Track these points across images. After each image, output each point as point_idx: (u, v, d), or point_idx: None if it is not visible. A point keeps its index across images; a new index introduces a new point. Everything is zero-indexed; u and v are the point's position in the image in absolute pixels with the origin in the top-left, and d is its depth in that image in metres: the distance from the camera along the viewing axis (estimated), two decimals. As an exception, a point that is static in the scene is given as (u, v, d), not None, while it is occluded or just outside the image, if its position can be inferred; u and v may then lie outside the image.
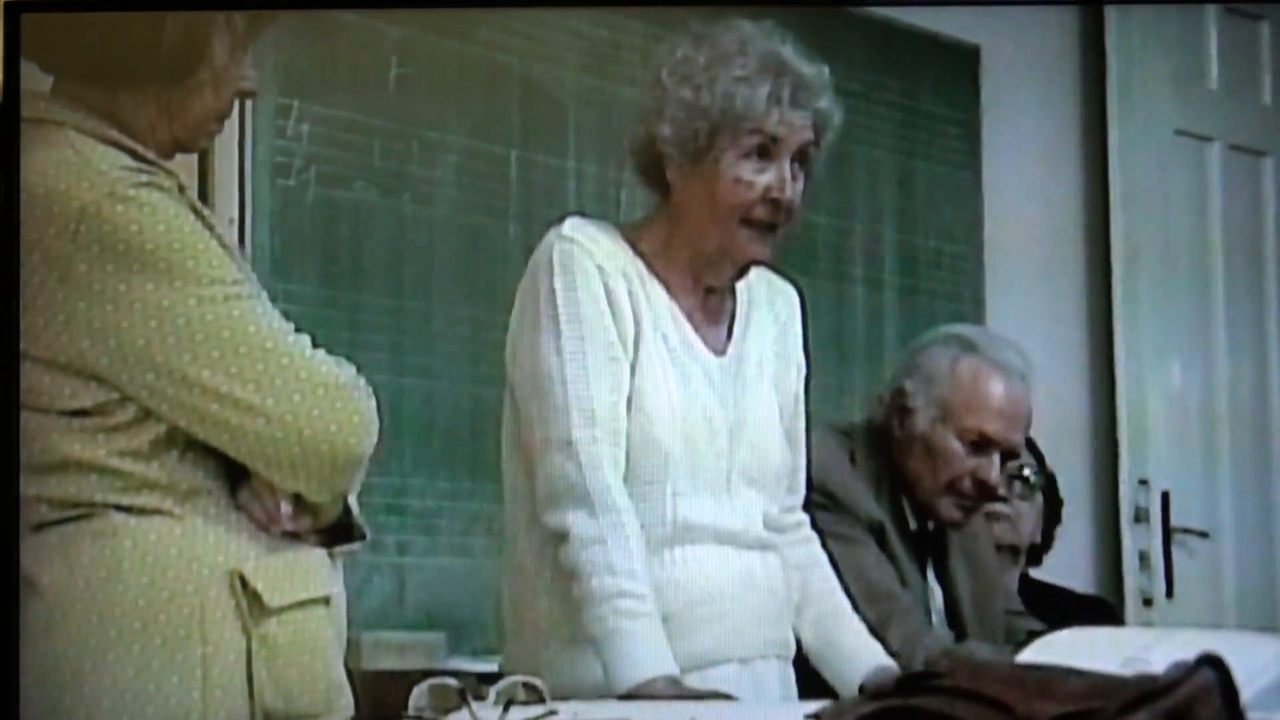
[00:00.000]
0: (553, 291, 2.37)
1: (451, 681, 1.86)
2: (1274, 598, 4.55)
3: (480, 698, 1.85)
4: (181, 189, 2.00)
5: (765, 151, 2.41)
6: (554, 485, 2.33)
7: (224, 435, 1.95)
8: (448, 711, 1.84)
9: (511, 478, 2.45)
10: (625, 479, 2.36)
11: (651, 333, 2.42)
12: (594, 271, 2.38)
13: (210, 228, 1.99)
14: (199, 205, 2.02)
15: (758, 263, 2.49)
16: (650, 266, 2.45)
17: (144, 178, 1.94)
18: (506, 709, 1.82)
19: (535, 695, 1.88)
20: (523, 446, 2.41)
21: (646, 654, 2.25)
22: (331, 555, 2.07)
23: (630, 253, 2.44)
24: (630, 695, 2.21)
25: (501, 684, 1.87)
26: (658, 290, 2.45)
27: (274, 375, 1.94)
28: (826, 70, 2.45)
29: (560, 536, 2.32)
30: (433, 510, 3.45)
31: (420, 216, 3.49)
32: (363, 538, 2.10)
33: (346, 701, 2.04)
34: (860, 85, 4.19)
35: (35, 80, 2.05)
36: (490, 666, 3.08)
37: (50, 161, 1.94)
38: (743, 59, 2.41)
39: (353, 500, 2.08)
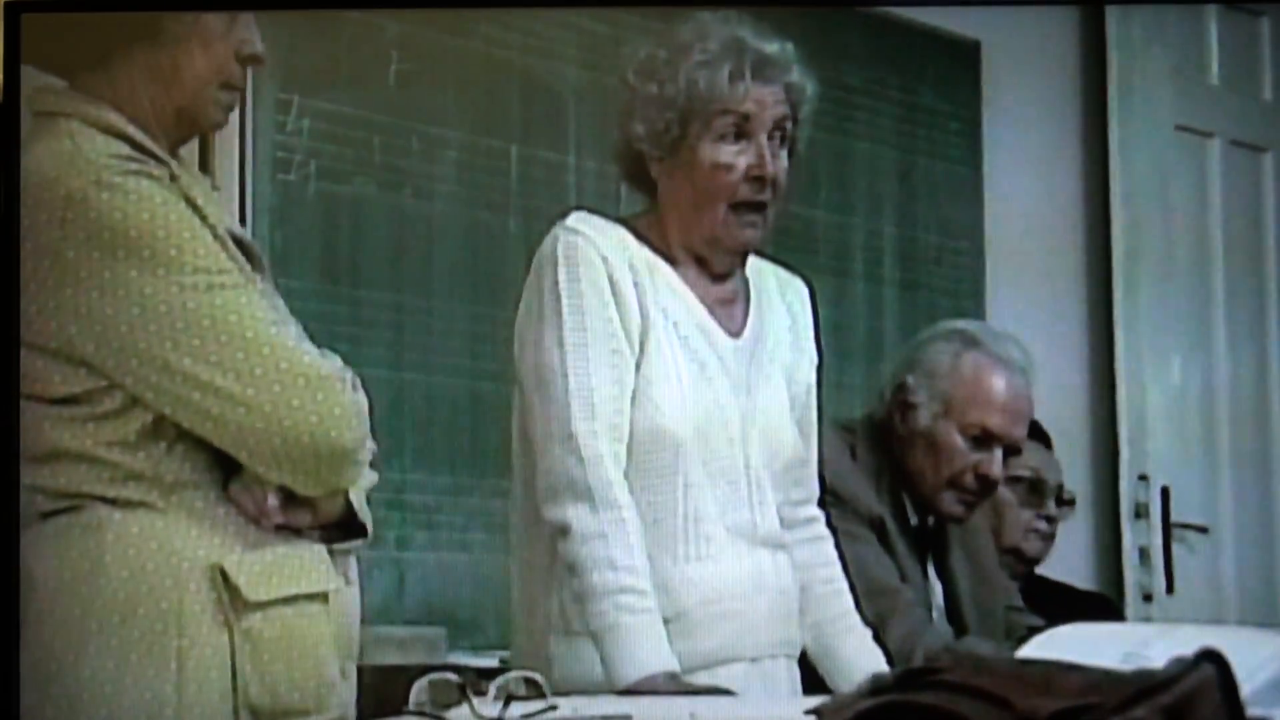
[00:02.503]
0: (556, 283, 2.37)
1: (452, 676, 1.86)
2: (1274, 593, 4.55)
3: (480, 693, 1.85)
4: (174, 178, 1.99)
5: (740, 131, 2.42)
6: (555, 479, 2.33)
7: (207, 424, 1.95)
8: (448, 706, 1.84)
9: (521, 471, 2.45)
10: (637, 470, 2.36)
11: (661, 322, 2.41)
12: (599, 263, 2.39)
13: (204, 218, 1.98)
14: (193, 194, 2.00)
15: (752, 247, 2.49)
16: (657, 252, 2.45)
17: (133, 166, 1.95)
18: (507, 704, 1.82)
19: (535, 690, 1.87)
20: (528, 440, 2.41)
21: (646, 649, 2.25)
22: (332, 552, 2.06)
23: (637, 243, 2.44)
24: (630, 690, 2.21)
25: (501, 679, 1.87)
26: (667, 275, 2.45)
27: (254, 365, 1.94)
28: (790, 46, 2.46)
29: (561, 530, 2.32)
30: (433, 505, 3.45)
31: (420, 212, 3.49)
32: (364, 534, 2.09)
33: (340, 700, 2.04)
34: (861, 81, 4.19)
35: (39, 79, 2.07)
36: (490, 661, 3.08)
37: (47, 152, 1.95)
38: (702, 44, 2.43)
39: (355, 496, 2.07)
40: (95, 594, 1.92)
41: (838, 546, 2.63)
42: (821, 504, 2.63)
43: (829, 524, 2.64)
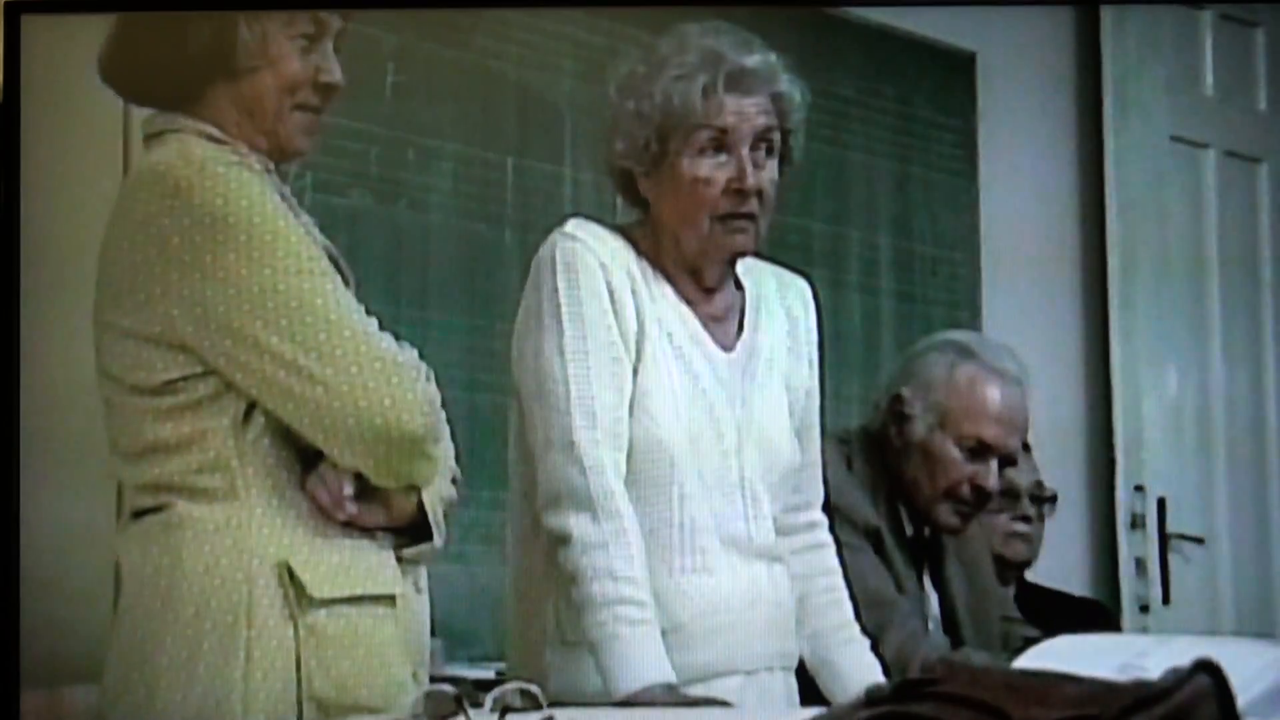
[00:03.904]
0: (555, 290, 2.37)
1: (448, 688, 1.86)
2: (1270, 604, 4.55)
3: (477, 704, 1.85)
4: (269, 172, 2.13)
5: (720, 144, 2.42)
6: (556, 487, 2.33)
7: (288, 404, 2.04)
8: (444, 718, 1.84)
9: (519, 481, 2.45)
10: (632, 481, 2.36)
11: (656, 331, 2.41)
12: (597, 269, 2.38)
13: (295, 213, 2.11)
14: (286, 192, 2.13)
15: (743, 254, 2.49)
16: (653, 265, 2.45)
17: (234, 158, 2.08)
18: (503, 716, 1.82)
19: (531, 701, 1.87)
20: (527, 448, 2.41)
21: (644, 661, 2.25)
22: (401, 559, 2.14)
23: (633, 251, 2.44)
24: (627, 702, 2.21)
25: (498, 690, 1.87)
26: (663, 288, 2.45)
27: (335, 346, 2.03)
28: (774, 57, 2.45)
29: (561, 539, 2.32)
30: (429, 517, 3.45)
31: (417, 223, 3.49)
32: (431, 539, 2.16)
33: (412, 701, 2.06)
34: (856, 92, 4.20)
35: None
36: (487, 673, 3.08)
37: (158, 155, 2.10)
38: (680, 58, 2.42)
39: (429, 500, 2.14)
40: (173, 587, 2.03)
41: (839, 556, 2.63)
42: (823, 511, 2.63)
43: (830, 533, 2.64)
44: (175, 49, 2.13)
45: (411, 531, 2.15)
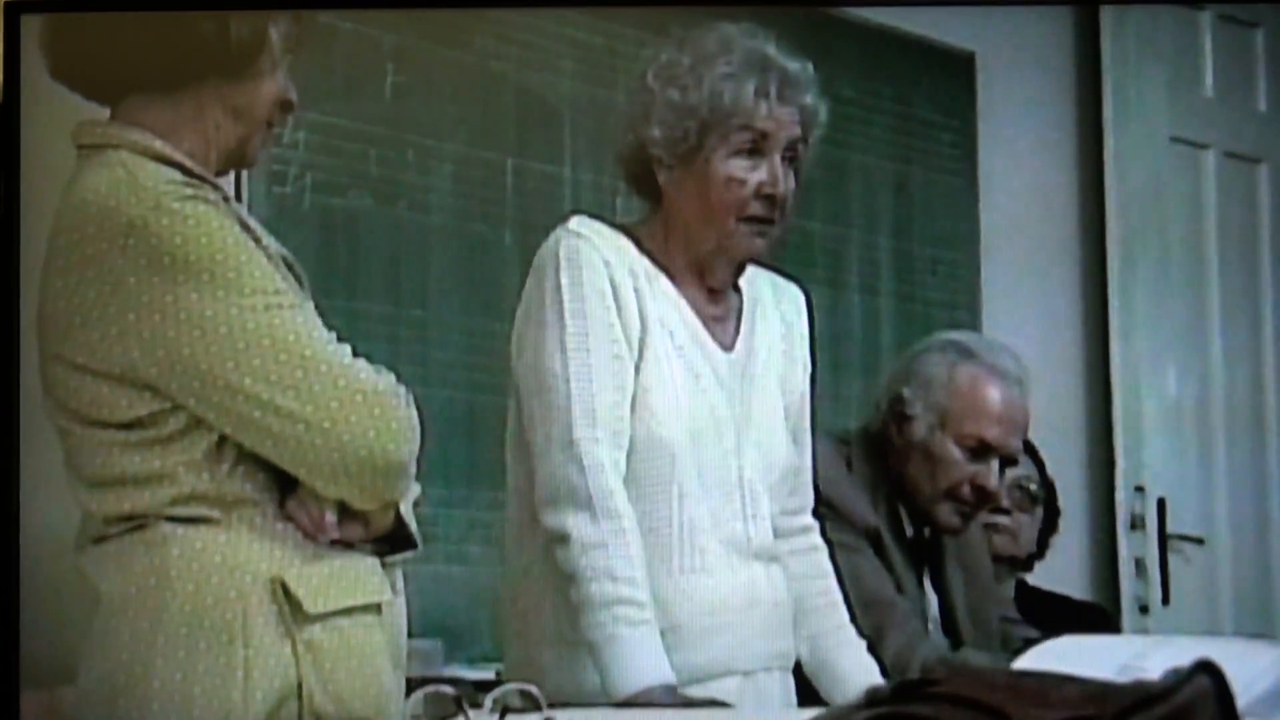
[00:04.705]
0: (558, 286, 2.37)
1: (448, 689, 1.86)
2: (1270, 604, 4.55)
3: (476, 705, 1.85)
4: (226, 200, 2.05)
5: (755, 148, 2.42)
6: (555, 486, 2.33)
7: (267, 442, 1.98)
8: (444, 719, 1.84)
9: (516, 480, 2.44)
10: (631, 479, 2.35)
11: (658, 329, 2.41)
12: (600, 266, 2.38)
13: (257, 240, 2.04)
14: (245, 218, 2.06)
15: (756, 260, 2.49)
16: (656, 263, 2.45)
17: (189, 191, 1.99)
18: (503, 716, 1.82)
19: (531, 702, 1.87)
20: (525, 446, 2.40)
21: (644, 662, 2.25)
22: (385, 564, 2.10)
23: (636, 249, 2.44)
24: (627, 703, 2.21)
25: (497, 691, 1.87)
26: (665, 286, 2.44)
27: (312, 382, 1.97)
28: (811, 66, 2.46)
29: (560, 538, 2.31)
30: (429, 517, 3.42)
31: (416, 224, 3.49)
32: (414, 546, 2.12)
33: (398, 708, 2.05)
34: (855, 92, 4.20)
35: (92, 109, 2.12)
36: (487, 674, 3.08)
37: (102, 180, 1.99)
38: (727, 57, 2.42)
39: (405, 509, 2.10)
40: (162, 608, 1.96)
41: (833, 558, 2.63)
42: (816, 514, 2.63)
43: (824, 535, 2.64)
44: (171, 37, 2.05)
45: (387, 539, 2.11)
